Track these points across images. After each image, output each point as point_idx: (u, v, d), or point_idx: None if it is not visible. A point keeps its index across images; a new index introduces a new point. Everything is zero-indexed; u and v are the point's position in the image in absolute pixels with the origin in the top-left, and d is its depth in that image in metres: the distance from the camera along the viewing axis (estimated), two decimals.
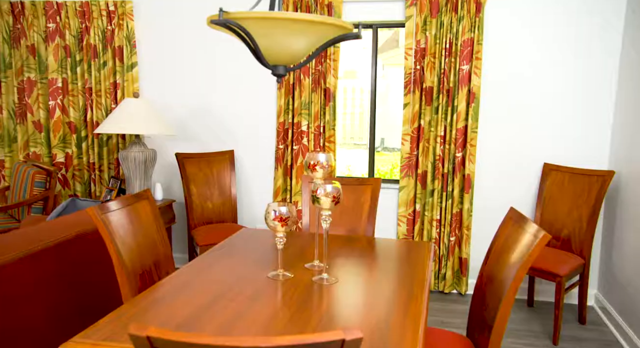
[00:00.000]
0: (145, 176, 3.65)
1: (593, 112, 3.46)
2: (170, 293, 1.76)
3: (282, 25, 1.50)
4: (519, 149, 3.59)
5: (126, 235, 2.08)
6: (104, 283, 2.82)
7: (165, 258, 2.30)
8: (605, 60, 3.40)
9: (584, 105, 3.47)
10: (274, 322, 1.55)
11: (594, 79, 3.43)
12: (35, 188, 3.70)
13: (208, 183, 3.88)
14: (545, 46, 3.47)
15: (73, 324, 2.59)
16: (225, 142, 4.07)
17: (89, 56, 4.09)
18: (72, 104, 4.16)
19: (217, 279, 1.91)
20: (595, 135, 3.47)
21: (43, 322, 2.37)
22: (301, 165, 3.84)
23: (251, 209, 4.09)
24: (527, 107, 3.55)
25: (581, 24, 3.39)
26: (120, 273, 1.95)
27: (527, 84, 3.53)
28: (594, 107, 3.46)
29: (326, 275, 1.93)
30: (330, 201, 1.88)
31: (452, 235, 3.64)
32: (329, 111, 3.78)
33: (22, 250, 2.22)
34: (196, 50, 4.01)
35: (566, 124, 3.51)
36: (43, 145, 4.26)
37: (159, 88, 4.12)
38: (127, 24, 3.99)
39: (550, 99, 3.51)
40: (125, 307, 1.64)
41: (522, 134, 3.58)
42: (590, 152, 3.49)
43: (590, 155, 3.49)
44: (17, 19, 4.11)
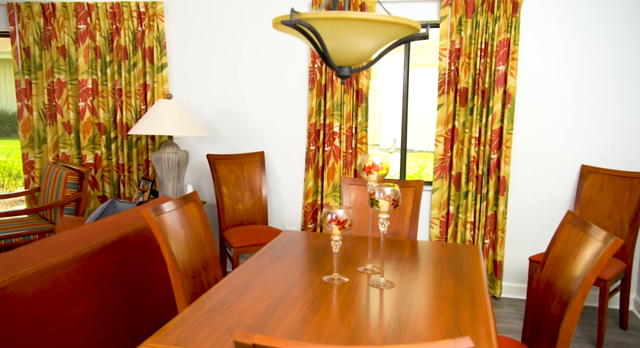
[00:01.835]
0: (177, 177, 3.64)
1: (633, 113, 3.41)
2: (230, 297, 1.74)
3: (352, 26, 1.47)
4: (555, 151, 3.55)
5: (177, 237, 2.06)
6: (145, 284, 2.82)
7: (213, 260, 2.29)
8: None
9: (624, 106, 3.42)
10: (342, 328, 1.52)
11: (633, 78, 3.38)
12: (67, 189, 3.70)
13: (239, 185, 3.86)
14: (583, 45, 3.42)
15: (120, 323, 2.58)
16: (254, 143, 4.05)
17: (119, 57, 4.09)
18: (102, 105, 4.16)
19: (273, 283, 1.89)
20: (635, 136, 3.42)
21: (92, 320, 2.37)
22: (333, 167, 3.82)
23: (281, 211, 4.07)
24: (565, 107, 3.51)
25: (621, 22, 3.35)
26: (174, 275, 1.93)
27: (565, 84, 3.48)
28: (633, 108, 3.41)
29: (383, 279, 1.91)
30: (389, 204, 1.85)
31: (486, 237, 3.60)
32: (361, 112, 3.76)
33: (71, 252, 2.21)
34: (226, 51, 4.00)
35: (605, 125, 3.46)
36: (72, 147, 4.27)
37: (189, 89, 4.12)
38: (157, 25, 3.99)
39: (588, 99, 3.46)
40: (188, 311, 1.63)
41: (558, 135, 3.54)
42: (631, 153, 3.44)
43: (630, 156, 3.44)
44: (48, 21, 4.12)
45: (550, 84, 3.50)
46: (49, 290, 2.07)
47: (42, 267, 2.05)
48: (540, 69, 3.51)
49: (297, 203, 4.03)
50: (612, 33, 3.36)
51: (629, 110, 3.41)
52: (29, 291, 1.97)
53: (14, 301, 1.89)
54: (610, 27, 3.36)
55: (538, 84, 3.52)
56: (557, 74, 3.48)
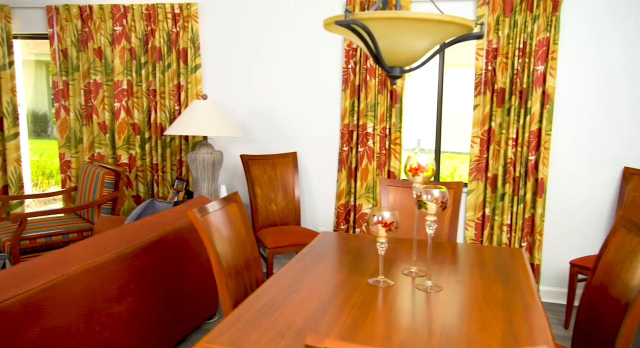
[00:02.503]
0: (212, 178, 3.66)
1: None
2: (277, 299, 1.74)
3: (407, 26, 1.45)
4: (596, 152, 3.47)
5: (221, 237, 2.07)
6: (182, 283, 2.84)
7: (254, 261, 2.29)
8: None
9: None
10: (394, 332, 1.50)
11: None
12: (104, 189, 3.76)
13: (272, 186, 3.87)
14: (624, 44, 3.33)
15: (159, 321, 2.60)
16: (287, 143, 4.05)
17: (153, 58, 4.14)
18: (137, 106, 4.21)
19: (318, 285, 1.88)
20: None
21: (135, 318, 2.39)
22: (366, 168, 3.79)
23: (313, 211, 4.06)
24: (606, 108, 3.42)
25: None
26: (219, 276, 1.94)
27: (606, 84, 3.40)
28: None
29: (430, 283, 1.88)
30: (437, 206, 1.82)
31: (523, 240, 3.54)
32: (395, 113, 3.73)
33: (115, 251, 2.24)
34: (259, 51, 4.01)
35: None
36: (107, 147, 4.33)
37: (222, 89, 4.14)
38: (191, 26, 4.02)
39: (630, 99, 3.37)
40: (238, 312, 1.62)
41: (599, 137, 3.45)
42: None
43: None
44: (85, 23, 4.19)
45: (591, 84, 3.42)
46: (95, 288, 2.10)
47: (89, 266, 2.08)
48: (580, 69, 3.43)
49: (330, 204, 4.02)
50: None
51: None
52: (78, 289, 1.99)
53: (64, 298, 1.92)
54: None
55: (578, 84, 3.44)
56: (597, 73, 3.40)
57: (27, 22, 4.39)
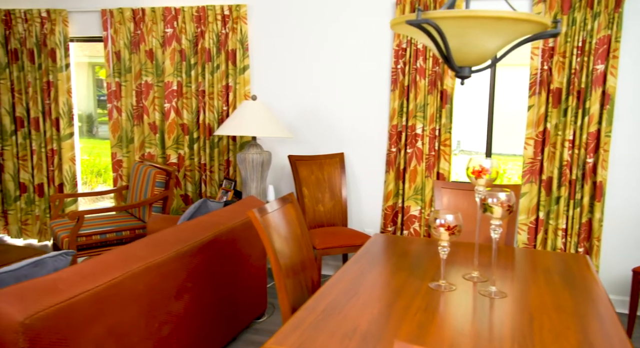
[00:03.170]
0: (261, 178, 3.68)
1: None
2: (339, 301, 1.72)
3: (481, 25, 1.41)
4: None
5: (279, 238, 2.07)
6: (234, 282, 2.87)
7: (309, 262, 2.28)
8: None
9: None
10: (463, 338, 1.46)
11: None
12: (156, 188, 3.84)
13: (319, 186, 3.86)
14: None
15: (213, 320, 2.64)
16: (334, 144, 4.04)
17: (203, 59, 4.20)
18: (186, 106, 4.28)
19: (378, 288, 1.85)
20: None
21: (191, 317, 2.43)
22: (415, 169, 3.74)
23: (360, 213, 4.04)
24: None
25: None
26: (278, 276, 1.94)
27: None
28: None
29: (494, 288, 1.83)
30: (503, 210, 1.77)
31: (580, 246, 3.41)
32: (445, 114, 3.66)
33: (173, 250, 2.28)
34: (306, 52, 4.01)
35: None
36: (157, 146, 4.42)
37: (270, 90, 4.16)
38: (240, 27, 4.06)
39: None
40: (301, 314, 1.62)
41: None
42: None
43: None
44: (138, 25, 4.29)
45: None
46: (155, 286, 2.13)
47: (151, 264, 2.11)
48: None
49: (377, 205, 3.98)
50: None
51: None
52: (140, 287, 2.03)
53: (127, 295, 1.96)
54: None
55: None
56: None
57: (82, 26, 4.53)
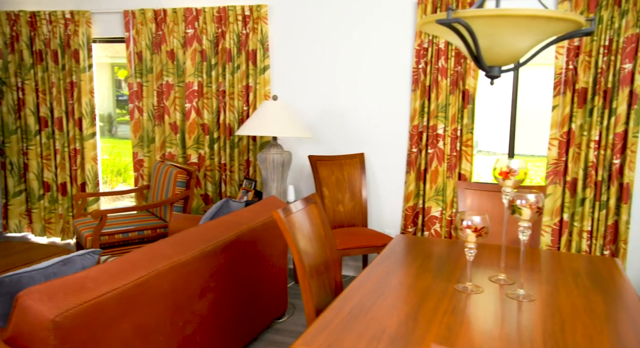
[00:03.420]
0: (281, 178, 3.69)
1: None
2: (365, 302, 1.71)
3: (513, 23, 1.39)
4: None
5: (303, 239, 2.07)
6: (255, 282, 2.87)
7: (333, 262, 2.28)
8: None
9: None
10: (493, 341, 1.44)
11: None
12: (177, 187, 3.86)
13: (339, 187, 3.85)
14: None
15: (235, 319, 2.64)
16: (354, 144, 4.03)
17: (223, 60, 4.21)
18: (206, 106, 4.31)
19: (404, 290, 1.84)
20: None
21: (214, 315, 2.44)
22: (436, 170, 3.71)
23: (380, 213, 4.02)
24: None
25: None
26: (302, 277, 1.93)
27: None
28: None
29: (522, 291, 1.80)
30: (532, 212, 1.74)
31: (605, 248, 3.35)
32: (467, 114, 3.62)
33: (197, 249, 2.29)
34: (326, 52, 4.01)
35: None
36: (178, 146, 4.45)
37: (289, 90, 4.17)
38: (261, 27, 4.07)
39: None
40: (328, 315, 1.61)
41: None
42: None
43: None
44: (159, 26, 4.32)
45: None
46: (180, 285, 2.15)
47: (175, 263, 2.12)
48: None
49: (397, 206, 3.96)
50: None
51: None
52: (165, 285, 2.04)
53: (153, 294, 1.97)
54: None
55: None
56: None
57: (105, 27, 4.58)
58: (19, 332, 1.54)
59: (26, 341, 1.53)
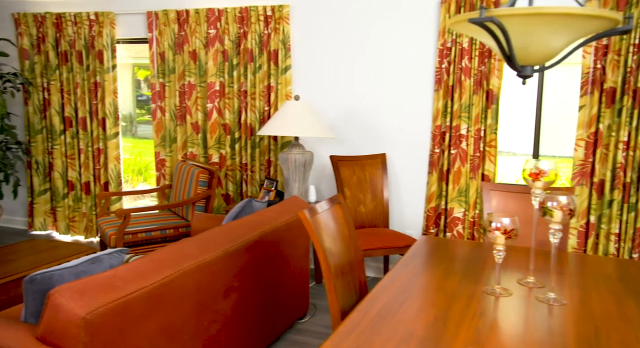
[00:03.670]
0: (303, 178, 3.68)
1: None
2: (392, 304, 1.70)
3: (547, 22, 1.36)
4: None
5: (328, 238, 2.06)
6: (278, 282, 2.87)
7: (357, 263, 2.26)
8: None
9: None
10: (523, 347, 1.42)
11: None
12: (199, 187, 3.89)
13: (361, 187, 3.84)
14: None
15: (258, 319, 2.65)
16: (376, 144, 4.01)
17: (245, 60, 4.23)
18: (228, 106, 4.32)
19: (431, 292, 1.82)
20: None
21: (238, 315, 2.44)
22: (459, 170, 3.67)
23: (402, 214, 3.99)
24: None
25: None
26: (328, 277, 1.92)
27: None
28: None
29: (553, 295, 1.77)
30: (564, 214, 1.71)
31: (634, 251, 3.28)
32: (491, 114, 3.58)
33: (222, 249, 2.29)
34: (348, 52, 3.99)
35: None
36: (199, 146, 4.48)
37: (311, 90, 4.16)
38: (282, 28, 4.07)
39: None
40: (355, 316, 1.60)
41: None
42: None
43: None
44: (182, 27, 4.36)
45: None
46: (205, 284, 2.15)
47: (201, 263, 2.13)
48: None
49: (419, 207, 3.93)
50: None
51: None
52: (190, 285, 2.05)
53: (178, 293, 1.98)
54: None
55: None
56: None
57: (128, 28, 4.63)
58: (50, 329, 1.56)
59: (58, 338, 1.55)
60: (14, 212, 5.32)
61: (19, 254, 3.19)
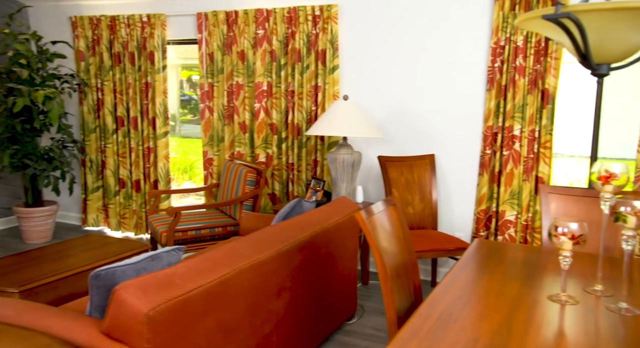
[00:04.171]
0: (351, 179, 3.66)
1: None
2: (453, 309, 1.65)
3: (629, 17, 1.29)
4: None
5: (384, 240, 2.03)
6: (327, 283, 2.86)
7: (412, 265, 2.22)
8: None
9: None
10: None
11: None
12: (247, 186, 3.92)
13: (409, 188, 3.78)
14: None
15: (309, 319, 2.64)
16: (424, 145, 3.94)
17: (293, 60, 4.24)
18: (275, 106, 4.35)
19: (493, 298, 1.76)
20: None
21: (290, 315, 2.45)
22: (511, 172, 3.57)
23: (450, 216, 3.91)
24: None
25: None
26: (384, 281, 1.89)
27: None
28: None
29: (625, 304, 1.68)
30: (638, 220, 1.62)
31: None
32: (546, 114, 3.46)
33: (275, 248, 2.30)
34: (397, 51, 3.94)
35: None
36: (246, 145, 4.52)
37: (358, 90, 4.13)
38: (331, 27, 4.06)
39: None
40: (416, 321, 1.56)
41: None
42: None
43: None
44: (230, 27, 4.41)
45: None
46: (258, 284, 2.16)
47: (255, 262, 2.14)
48: None
49: (468, 209, 3.84)
50: None
51: None
52: (245, 284, 2.06)
53: (233, 292, 1.99)
54: None
55: None
56: None
57: (178, 29, 4.72)
58: (115, 324, 1.59)
59: (122, 333, 1.58)
60: (69, 208, 5.52)
61: (76, 250, 3.29)
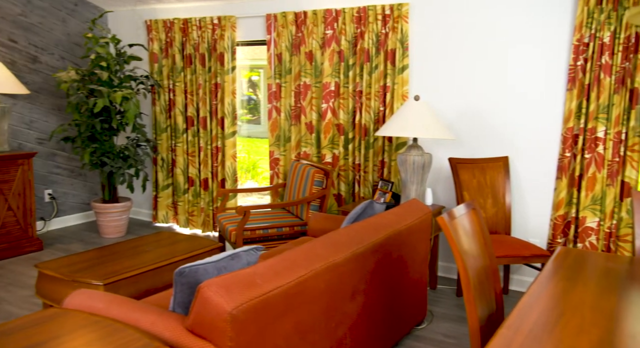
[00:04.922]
0: (421, 180, 3.58)
1: None
2: (546, 321, 1.56)
3: None
4: None
5: (465, 245, 1.95)
6: (399, 285, 2.81)
7: (492, 272, 2.13)
8: None
9: None
10: None
11: None
12: (314, 186, 3.92)
13: (481, 191, 3.65)
14: None
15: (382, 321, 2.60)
16: (497, 147, 3.79)
17: (361, 60, 4.20)
18: (342, 107, 4.32)
19: (588, 310, 1.65)
20: None
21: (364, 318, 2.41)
22: (593, 176, 3.37)
23: (525, 221, 3.74)
24: None
25: None
26: (467, 288, 1.82)
27: None
28: None
29: None
30: None
31: None
32: (634, 115, 3.24)
33: (350, 250, 2.27)
34: (470, 50, 3.81)
35: None
36: (313, 146, 4.53)
37: (428, 90, 4.04)
38: (401, 26, 3.99)
39: None
40: (506, 333, 1.49)
41: None
42: None
43: None
44: (299, 28, 4.43)
45: None
46: (334, 285, 2.14)
47: (330, 264, 2.12)
48: None
49: (545, 214, 3.66)
50: None
51: None
52: (321, 285, 2.04)
53: (310, 294, 1.98)
54: None
55: None
56: None
57: (248, 30, 4.80)
58: (199, 321, 1.61)
59: (206, 331, 1.60)
60: (141, 204, 5.74)
61: (150, 246, 3.40)
